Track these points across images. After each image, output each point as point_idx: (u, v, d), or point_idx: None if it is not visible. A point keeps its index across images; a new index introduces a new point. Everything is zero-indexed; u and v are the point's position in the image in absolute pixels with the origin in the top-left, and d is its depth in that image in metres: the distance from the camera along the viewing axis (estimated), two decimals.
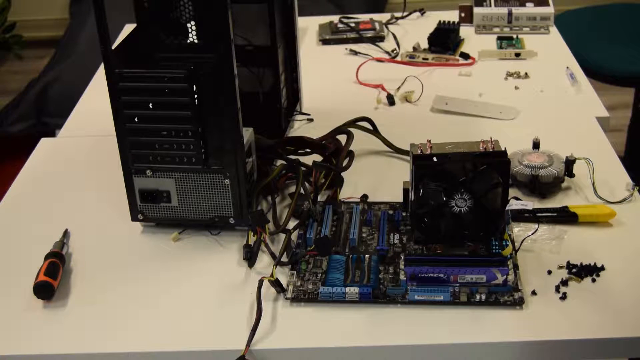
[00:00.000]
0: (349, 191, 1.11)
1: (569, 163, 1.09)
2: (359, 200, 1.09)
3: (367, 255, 0.97)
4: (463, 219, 0.94)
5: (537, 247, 0.99)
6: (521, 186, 1.09)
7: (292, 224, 1.03)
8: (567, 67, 1.44)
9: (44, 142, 1.32)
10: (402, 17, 1.72)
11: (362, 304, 0.91)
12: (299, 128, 1.30)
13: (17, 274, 1.00)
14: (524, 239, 0.98)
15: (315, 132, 1.21)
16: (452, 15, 1.65)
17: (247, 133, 1.01)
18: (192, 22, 0.95)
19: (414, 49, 1.55)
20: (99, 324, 0.92)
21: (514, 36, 1.59)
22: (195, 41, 0.96)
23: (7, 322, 0.93)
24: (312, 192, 1.05)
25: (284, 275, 0.96)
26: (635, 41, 2.08)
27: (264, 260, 0.99)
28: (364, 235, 1.02)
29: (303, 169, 1.10)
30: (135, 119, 0.98)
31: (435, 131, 1.24)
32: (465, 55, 1.52)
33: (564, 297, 0.91)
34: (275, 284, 0.93)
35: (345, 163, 1.15)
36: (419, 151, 0.93)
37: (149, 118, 0.97)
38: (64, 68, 2.71)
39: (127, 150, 1.00)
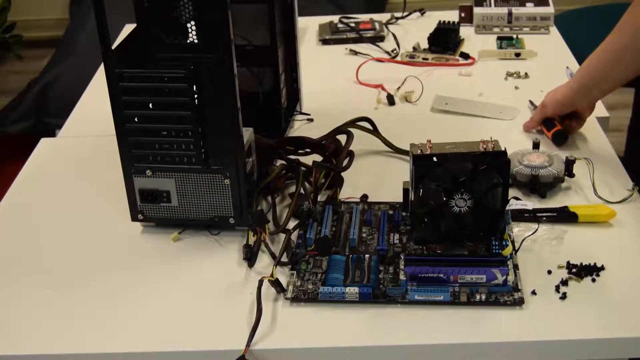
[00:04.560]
0: (349, 191, 1.11)
1: (569, 163, 1.09)
2: (359, 200, 1.09)
3: (367, 255, 0.97)
4: (463, 219, 0.94)
5: (537, 247, 0.99)
6: (521, 186, 1.09)
7: (292, 224, 1.03)
8: (567, 67, 1.44)
9: (44, 142, 1.32)
10: (402, 17, 1.72)
11: (362, 304, 0.91)
12: (299, 128, 1.30)
13: (17, 274, 1.00)
14: (524, 239, 0.98)
15: (315, 132, 1.20)
16: (452, 15, 1.64)
17: (247, 133, 1.01)
18: (192, 22, 0.95)
19: (414, 49, 1.55)
20: (99, 324, 0.91)
21: (514, 36, 1.59)
22: (195, 41, 0.96)
23: (7, 322, 0.93)
24: (312, 192, 1.05)
25: (284, 275, 0.96)
26: None
27: (264, 260, 0.99)
28: (364, 235, 1.02)
29: (303, 169, 1.10)
30: (135, 119, 0.98)
31: (435, 131, 1.24)
32: (465, 55, 1.52)
33: (564, 297, 0.91)
34: (275, 284, 0.93)
35: (345, 163, 1.15)
36: (419, 151, 0.93)
37: (149, 118, 0.97)
38: (64, 68, 2.71)
39: (127, 150, 1.00)
